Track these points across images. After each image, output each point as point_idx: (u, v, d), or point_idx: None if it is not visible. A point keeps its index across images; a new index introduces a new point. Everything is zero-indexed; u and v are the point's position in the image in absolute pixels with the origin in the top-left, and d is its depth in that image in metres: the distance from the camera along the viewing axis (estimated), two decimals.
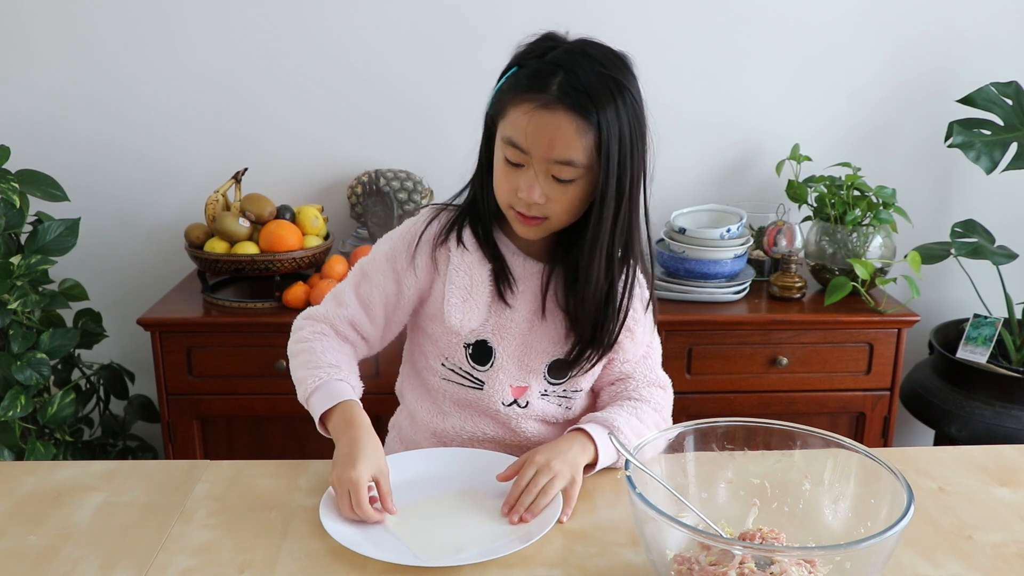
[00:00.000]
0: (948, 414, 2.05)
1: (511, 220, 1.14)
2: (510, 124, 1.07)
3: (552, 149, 1.05)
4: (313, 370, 1.15)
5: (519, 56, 1.11)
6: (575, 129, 1.04)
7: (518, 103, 1.06)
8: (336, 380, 1.15)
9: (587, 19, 2.13)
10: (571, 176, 1.07)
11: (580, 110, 1.03)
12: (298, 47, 2.14)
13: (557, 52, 1.07)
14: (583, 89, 1.03)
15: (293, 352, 1.20)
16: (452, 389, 1.22)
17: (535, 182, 1.07)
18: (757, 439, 1.00)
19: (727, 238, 1.97)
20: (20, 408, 1.79)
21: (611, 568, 0.94)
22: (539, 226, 1.12)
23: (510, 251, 1.19)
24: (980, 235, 2.11)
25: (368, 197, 2.09)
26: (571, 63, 1.05)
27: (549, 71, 1.05)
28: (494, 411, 1.21)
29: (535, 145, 1.05)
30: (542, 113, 1.04)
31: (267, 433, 1.96)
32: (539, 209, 1.09)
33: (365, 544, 0.96)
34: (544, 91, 1.04)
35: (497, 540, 0.98)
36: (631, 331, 1.21)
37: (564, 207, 1.10)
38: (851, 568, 0.80)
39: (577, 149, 1.05)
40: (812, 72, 2.22)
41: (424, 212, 1.22)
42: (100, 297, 2.20)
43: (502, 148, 1.09)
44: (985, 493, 1.10)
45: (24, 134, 2.14)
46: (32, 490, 1.10)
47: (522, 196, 1.08)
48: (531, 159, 1.07)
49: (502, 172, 1.10)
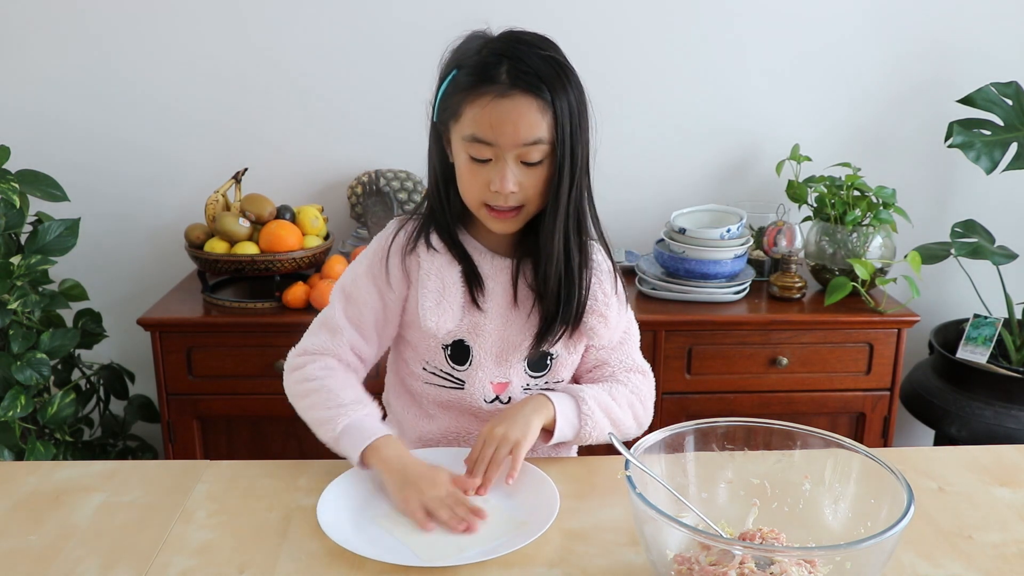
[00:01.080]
0: (948, 414, 2.05)
1: (484, 219, 1.14)
2: (470, 122, 1.07)
3: (518, 133, 1.06)
4: (336, 409, 1.14)
5: (453, 59, 1.12)
6: (535, 109, 1.06)
7: (473, 99, 1.07)
8: (366, 416, 1.15)
9: (587, 19, 2.14)
10: (539, 156, 1.09)
11: (535, 91, 1.06)
12: (298, 47, 2.14)
13: (492, 45, 1.09)
14: (532, 71, 1.06)
15: (302, 392, 1.18)
16: (435, 392, 1.23)
17: (507, 172, 1.08)
18: (757, 439, 1.00)
19: (727, 238, 1.97)
20: (20, 408, 1.79)
21: (611, 568, 0.94)
22: (515, 217, 1.13)
23: (478, 251, 1.20)
24: (980, 235, 2.11)
25: (368, 197, 2.09)
26: (512, 51, 1.07)
27: (493, 62, 1.07)
28: (477, 409, 1.22)
29: (501, 134, 1.06)
30: (501, 101, 1.05)
31: (267, 433, 1.97)
32: (515, 198, 1.10)
33: (364, 545, 0.96)
34: (496, 81, 1.06)
35: (497, 540, 0.98)
36: (603, 316, 1.21)
37: (537, 190, 1.11)
38: (851, 568, 0.80)
39: (541, 128, 1.07)
40: (812, 72, 2.22)
41: (389, 225, 1.24)
42: (100, 297, 2.20)
43: (464, 148, 1.09)
44: (985, 493, 1.10)
45: (24, 134, 2.14)
46: (32, 490, 1.10)
47: (495, 189, 1.09)
48: (499, 150, 1.08)
49: (468, 172, 1.11)
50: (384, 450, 1.09)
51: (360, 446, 1.09)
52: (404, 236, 1.20)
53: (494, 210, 1.12)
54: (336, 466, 1.14)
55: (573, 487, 1.11)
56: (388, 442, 1.10)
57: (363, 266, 1.22)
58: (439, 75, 1.14)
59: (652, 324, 1.90)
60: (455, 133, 1.11)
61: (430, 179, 1.20)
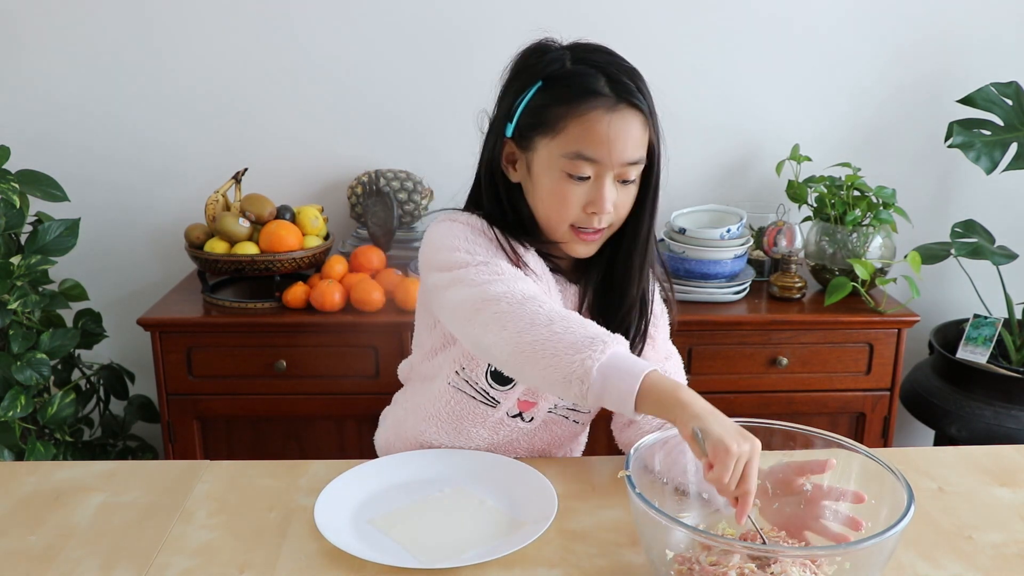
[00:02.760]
0: (948, 414, 2.05)
1: (567, 240, 1.09)
2: (575, 137, 1.02)
3: (626, 151, 1.03)
4: (595, 332, 0.92)
5: (530, 71, 1.06)
6: (640, 125, 1.04)
7: (581, 112, 1.01)
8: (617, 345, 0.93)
9: (586, 20, 2.13)
10: (635, 175, 1.06)
11: (641, 106, 1.03)
12: (299, 47, 2.14)
13: (575, 56, 1.05)
14: (631, 84, 1.02)
15: (531, 317, 0.94)
16: (458, 399, 1.16)
17: (607, 190, 1.04)
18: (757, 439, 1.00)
19: (727, 238, 1.97)
20: (20, 408, 1.79)
21: (611, 568, 0.94)
22: (599, 239, 1.09)
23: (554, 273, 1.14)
24: (980, 235, 2.11)
25: (368, 197, 2.08)
26: (601, 63, 1.03)
27: (590, 74, 1.02)
28: (498, 423, 1.18)
29: (612, 151, 1.02)
30: (612, 116, 1.01)
31: (267, 433, 1.96)
32: (607, 219, 1.07)
33: (363, 547, 0.95)
34: (601, 94, 1.01)
35: (497, 540, 0.98)
36: (652, 338, 1.19)
37: (626, 211, 1.08)
38: (851, 568, 0.80)
39: (642, 145, 1.05)
40: (812, 72, 2.22)
41: (456, 213, 1.12)
42: (100, 297, 2.20)
43: (563, 165, 1.04)
44: (985, 493, 1.10)
45: (24, 134, 2.14)
46: (32, 490, 1.10)
47: (593, 210, 1.04)
48: (602, 168, 1.03)
49: (563, 191, 1.05)
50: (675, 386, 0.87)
51: (644, 368, 0.88)
52: (497, 230, 1.09)
53: (581, 232, 1.07)
54: (336, 466, 1.14)
55: (573, 487, 1.10)
56: (663, 377, 0.89)
57: (464, 244, 1.06)
58: (509, 86, 1.08)
59: None
60: (547, 149, 1.05)
61: (489, 201, 1.11)
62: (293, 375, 1.90)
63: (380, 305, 1.87)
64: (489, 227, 1.09)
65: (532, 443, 1.23)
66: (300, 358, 1.90)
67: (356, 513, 1.04)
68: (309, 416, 1.94)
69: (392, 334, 1.87)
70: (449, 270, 1.05)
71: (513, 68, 1.09)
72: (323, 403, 1.92)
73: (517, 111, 1.06)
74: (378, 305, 1.86)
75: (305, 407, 1.92)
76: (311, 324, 1.87)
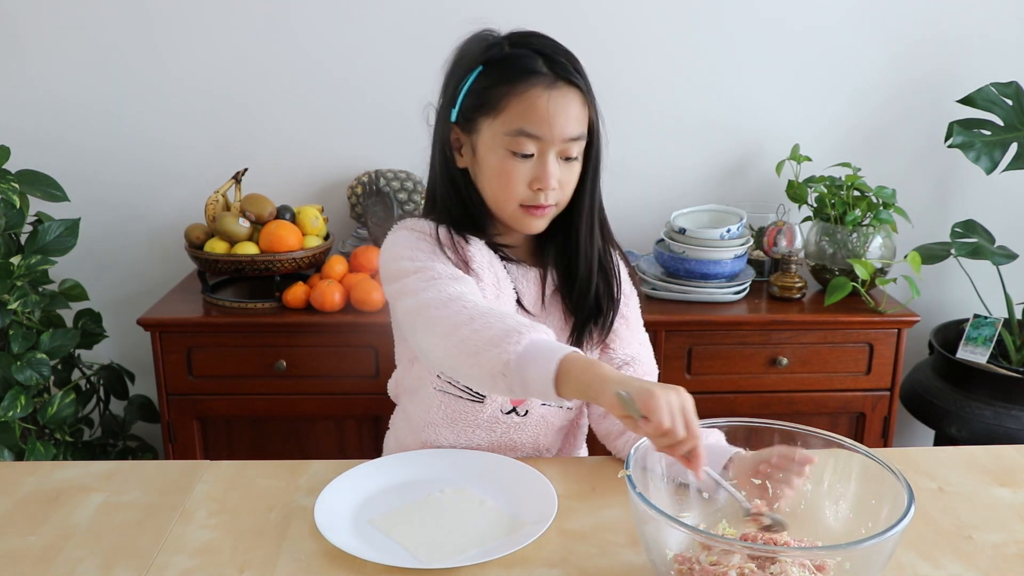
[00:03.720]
0: (948, 414, 2.05)
1: (516, 219, 1.12)
2: (517, 116, 1.05)
3: (567, 127, 1.06)
4: (516, 324, 0.93)
5: (471, 57, 1.09)
6: (579, 101, 1.06)
7: (521, 90, 1.05)
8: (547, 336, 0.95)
9: (587, 20, 2.14)
10: (577, 152, 1.08)
11: (578, 83, 1.06)
12: (299, 47, 2.14)
13: (513, 41, 1.09)
14: (569, 65, 1.06)
15: (462, 318, 0.96)
16: (447, 402, 1.18)
17: (551, 166, 1.07)
18: (757, 439, 1.00)
19: (727, 238, 1.97)
20: (20, 408, 1.79)
21: (611, 568, 0.94)
22: (547, 214, 1.11)
23: (507, 262, 1.16)
24: (980, 235, 2.11)
25: (368, 197, 2.08)
26: (540, 45, 1.07)
27: (528, 55, 1.06)
28: (492, 420, 1.19)
29: (552, 126, 1.05)
30: (551, 93, 1.04)
31: (267, 433, 1.96)
32: (553, 196, 1.09)
33: (363, 547, 0.95)
34: (539, 73, 1.05)
35: (497, 540, 0.98)
36: (625, 317, 1.21)
37: (570, 188, 1.11)
38: (851, 568, 0.80)
39: (582, 121, 1.07)
40: (812, 72, 2.22)
41: (410, 222, 1.15)
42: (100, 297, 2.20)
43: (506, 144, 1.07)
44: (985, 493, 1.10)
45: (24, 134, 2.14)
46: (32, 490, 1.10)
47: (538, 186, 1.07)
48: (544, 144, 1.06)
49: (508, 169, 1.08)
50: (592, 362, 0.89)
51: (559, 352, 0.89)
52: (444, 229, 1.12)
53: (530, 208, 1.09)
54: (336, 466, 1.14)
55: (573, 487, 1.11)
56: (581, 356, 0.90)
57: (408, 252, 1.10)
58: (452, 74, 1.11)
59: (652, 324, 1.87)
60: (490, 129, 1.07)
61: (442, 185, 1.14)
62: (293, 375, 1.90)
63: (380, 305, 1.87)
64: (435, 227, 1.12)
65: (536, 440, 1.23)
66: (300, 358, 1.90)
67: (356, 513, 1.04)
68: (309, 416, 1.94)
69: (392, 334, 1.86)
70: (395, 280, 1.09)
71: (454, 57, 1.13)
72: (323, 403, 1.92)
73: (460, 95, 1.09)
74: (378, 305, 1.86)
75: (305, 407, 1.92)
76: (311, 324, 1.87)
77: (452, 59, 1.13)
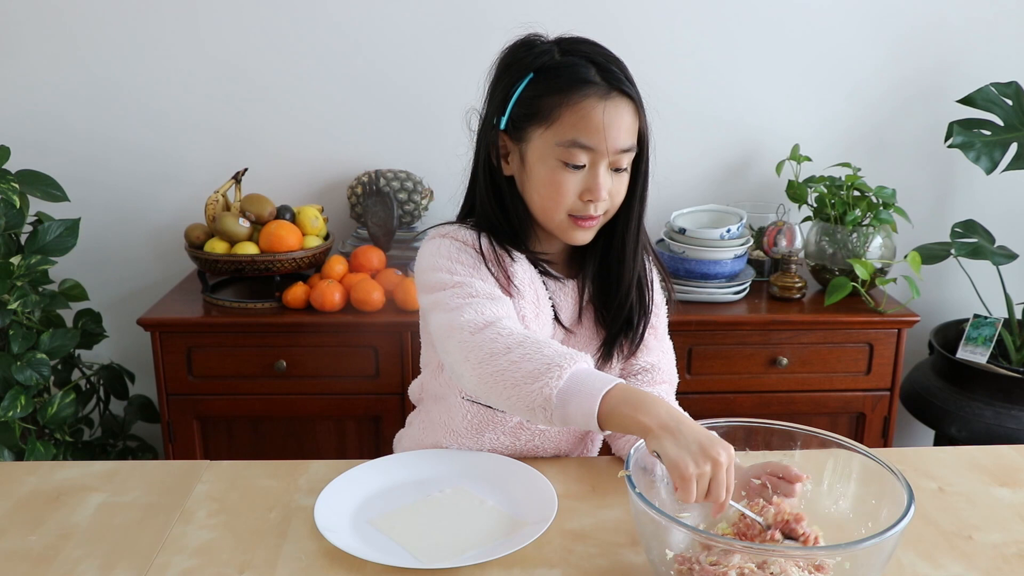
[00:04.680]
0: (948, 414, 2.04)
1: (563, 230, 1.10)
2: (571, 126, 1.03)
3: (619, 138, 1.05)
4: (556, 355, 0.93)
5: (520, 64, 1.07)
6: (631, 112, 1.05)
7: (575, 101, 1.03)
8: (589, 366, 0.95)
9: (586, 19, 2.13)
10: (627, 163, 1.08)
11: (631, 93, 1.05)
12: (298, 47, 2.14)
13: (563, 48, 1.06)
14: (621, 74, 1.04)
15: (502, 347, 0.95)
16: (473, 411, 1.17)
17: (602, 177, 1.06)
18: (757, 439, 1.00)
19: (727, 238, 1.97)
20: (20, 408, 1.79)
21: (611, 568, 0.94)
22: (595, 225, 1.10)
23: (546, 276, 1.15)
24: (980, 235, 2.11)
25: (368, 197, 2.09)
26: (591, 53, 1.05)
27: (581, 65, 1.04)
28: (518, 427, 1.18)
29: (608, 138, 1.03)
30: (606, 104, 1.03)
31: (267, 433, 1.96)
32: (603, 206, 1.08)
33: (363, 547, 0.95)
34: (593, 82, 1.03)
35: (497, 540, 0.98)
36: (653, 327, 1.21)
37: (620, 199, 1.10)
38: (851, 568, 0.80)
39: (634, 133, 1.07)
40: (813, 72, 2.22)
41: (449, 228, 1.13)
42: (100, 297, 2.20)
43: (558, 154, 1.05)
44: (985, 493, 1.10)
45: (24, 134, 2.14)
46: (32, 490, 1.10)
47: (589, 197, 1.06)
48: (596, 155, 1.05)
49: (560, 180, 1.06)
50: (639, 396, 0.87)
51: (602, 388, 0.89)
52: (486, 240, 1.10)
53: (578, 219, 1.08)
54: (336, 466, 1.14)
55: (573, 487, 1.11)
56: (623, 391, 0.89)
57: (446, 263, 1.08)
58: (499, 80, 1.09)
59: None
60: (542, 139, 1.06)
61: (482, 193, 1.13)
62: (293, 375, 1.90)
63: (380, 305, 1.87)
64: (477, 238, 1.11)
65: (557, 446, 1.23)
66: (300, 358, 1.90)
67: (356, 513, 1.04)
68: (309, 416, 1.94)
69: (392, 334, 1.87)
70: (431, 292, 1.08)
71: (501, 63, 1.10)
72: (323, 403, 1.92)
73: (510, 103, 1.07)
74: (378, 305, 1.86)
75: (305, 407, 1.92)
76: (311, 324, 1.87)
77: (498, 64, 1.10)
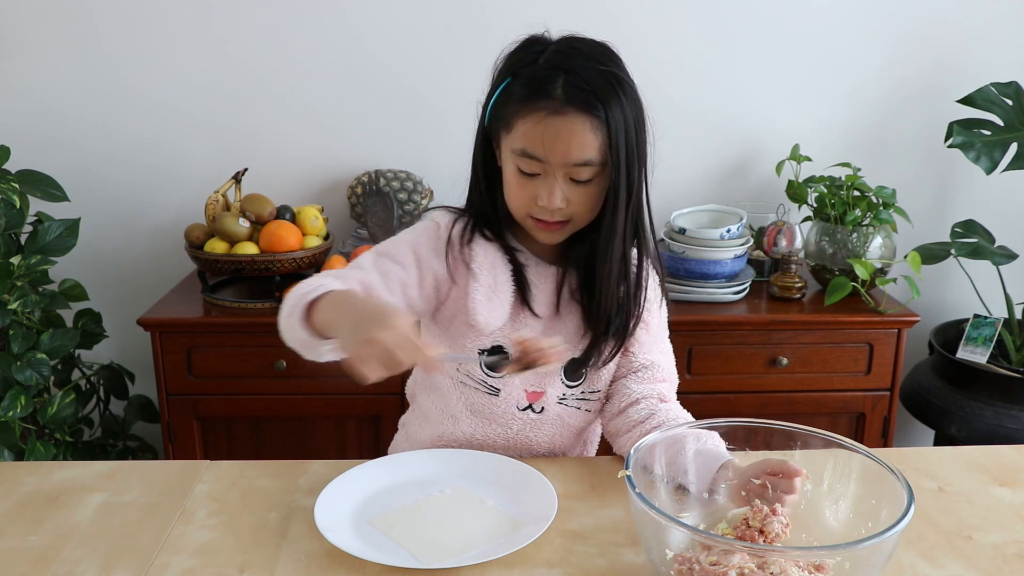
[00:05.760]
0: (948, 414, 2.04)
1: (530, 228, 1.12)
2: (521, 136, 1.05)
3: (569, 153, 1.04)
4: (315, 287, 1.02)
5: (508, 66, 1.09)
6: (588, 128, 1.03)
7: (526, 113, 1.04)
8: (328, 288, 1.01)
9: (586, 18, 2.13)
10: (589, 176, 1.07)
11: (590, 109, 1.03)
12: (298, 48, 2.14)
13: (548, 55, 1.06)
14: (587, 88, 1.02)
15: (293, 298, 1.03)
16: (466, 394, 1.19)
17: (555, 188, 1.06)
18: (757, 439, 1.00)
19: (727, 238, 1.97)
20: (20, 408, 1.79)
21: (611, 568, 0.94)
22: (562, 229, 1.11)
23: (523, 256, 1.18)
24: (980, 235, 2.11)
25: (368, 197, 2.09)
26: (568, 63, 1.04)
27: (549, 76, 1.03)
28: (510, 416, 1.19)
29: (552, 152, 1.04)
30: (554, 119, 1.03)
31: (267, 433, 1.96)
32: (561, 213, 1.09)
33: (363, 547, 0.95)
34: (550, 96, 1.03)
35: (497, 540, 0.98)
36: (646, 323, 1.21)
37: (586, 207, 1.10)
38: (851, 568, 0.80)
39: (592, 148, 1.05)
40: (813, 72, 2.22)
41: (439, 211, 1.19)
42: (100, 297, 2.20)
43: (513, 160, 1.07)
44: (985, 493, 1.10)
45: (24, 134, 2.14)
46: (32, 490, 1.10)
47: (543, 204, 1.07)
48: (548, 166, 1.05)
49: (516, 184, 1.09)
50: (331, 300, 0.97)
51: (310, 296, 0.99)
52: (460, 225, 1.16)
53: (540, 221, 1.10)
54: (336, 466, 1.14)
55: (573, 487, 1.11)
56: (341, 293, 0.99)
57: (408, 236, 1.16)
58: (493, 79, 1.11)
59: None
60: (505, 144, 1.09)
61: (473, 181, 1.17)
62: (293, 375, 1.90)
63: None
64: (453, 222, 1.16)
65: (552, 440, 1.23)
66: (300, 358, 1.88)
67: (356, 513, 1.04)
68: (309, 416, 1.94)
69: None
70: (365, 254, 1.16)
71: (500, 59, 1.12)
72: (323, 403, 1.92)
73: (490, 103, 1.10)
74: None
75: (305, 407, 1.92)
76: None
77: (498, 60, 1.12)
